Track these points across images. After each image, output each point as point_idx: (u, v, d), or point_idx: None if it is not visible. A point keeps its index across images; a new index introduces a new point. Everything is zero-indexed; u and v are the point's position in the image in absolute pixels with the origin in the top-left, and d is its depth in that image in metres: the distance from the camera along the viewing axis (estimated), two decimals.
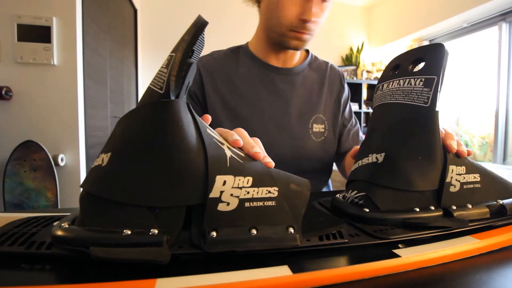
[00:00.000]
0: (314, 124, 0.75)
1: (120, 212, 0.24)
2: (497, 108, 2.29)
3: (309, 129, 0.74)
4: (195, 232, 0.25)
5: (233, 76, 0.73)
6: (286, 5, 0.64)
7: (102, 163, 0.25)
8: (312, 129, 0.75)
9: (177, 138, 0.24)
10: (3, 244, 0.25)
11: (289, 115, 0.73)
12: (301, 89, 0.76)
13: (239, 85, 0.73)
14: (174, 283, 0.21)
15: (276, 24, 0.67)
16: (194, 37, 0.25)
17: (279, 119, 0.72)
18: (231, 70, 0.74)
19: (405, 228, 0.31)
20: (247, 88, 0.73)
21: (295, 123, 0.73)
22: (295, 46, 0.68)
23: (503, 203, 0.34)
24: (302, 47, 0.69)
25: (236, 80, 0.73)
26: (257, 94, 0.73)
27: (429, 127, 0.34)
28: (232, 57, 0.76)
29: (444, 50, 0.35)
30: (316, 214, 0.33)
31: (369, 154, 0.37)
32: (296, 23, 0.64)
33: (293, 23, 0.64)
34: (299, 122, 0.73)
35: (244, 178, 0.26)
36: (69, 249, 0.23)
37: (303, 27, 0.65)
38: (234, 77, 0.73)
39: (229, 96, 0.72)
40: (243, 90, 0.72)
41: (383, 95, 0.40)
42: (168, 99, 0.24)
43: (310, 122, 0.74)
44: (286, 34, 0.66)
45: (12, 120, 1.39)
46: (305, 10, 0.63)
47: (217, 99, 0.71)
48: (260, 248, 0.25)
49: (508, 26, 2.24)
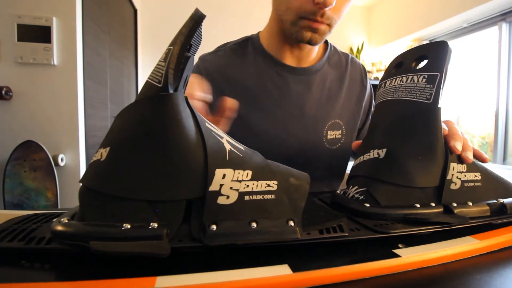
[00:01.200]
0: (329, 131, 0.66)
1: (120, 206, 0.24)
2: (497, 108, 2.28)
3: (323, 137, 0.65)
4: (195, 226, 0.25)
5: (240, 76, 0.63)
6: None
7: (101, 158, 0.25)
8: (327, 136, 0.66)
9: (176, 132, 0.24)
10: (3, 240, 0.25)
11: (302, 122, 0.64)
12: (317, 91, 0.66)
13: (247, 86, 0.63)
14: (174, 280, 0.21)
15: (285, 10, 0.55)
16: (191, 30, 0.25)
17: (290, 125, 0.64)
18: (238, 70, 0.64)
19: (406, 224, 0.31)
20: (256, 90, 0.63)
21: (308, 130, 0.64)
22: (309, 40, 0.56)
23: (504, 201, 0.34)
24: (318, 41, 0.57)
25: (243, 81, 0.63)
26: (266, 97, 0.63)
27: (431, 124, 0.34)
28: (240, 53, 0.66)
29: (448, 47, 0.35)
30: (316, 208, 0.33)
31: (371, 150, 0.36)
32: (307, 7, 0.51)
33: (304, 8, 0.51)
34: (312, 129, 0.65)
35: (244, 171, 0.26)
36: (69, 243, 0.23)
37: (317, 13, 0.51)
38: (241, 77, 0.63)
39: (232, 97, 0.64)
40: (251, 92, 0.63)
41: (385, 92, 0.40)
42: (166, 92, 0.24)
43: (324, 129, 0.66)
44: (297, 23, 0.54)
45: (12, 120, 1.39)
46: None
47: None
48: (260, 241, 0.25)
49: (508, 26, 2.24)
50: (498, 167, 2.09)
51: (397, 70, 0.40)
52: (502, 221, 0.33)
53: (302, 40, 0.56)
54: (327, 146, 0.66)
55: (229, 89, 0.62)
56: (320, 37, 0.56)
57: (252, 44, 0.66)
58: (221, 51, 0.67)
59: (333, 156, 0.67)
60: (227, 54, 0.66)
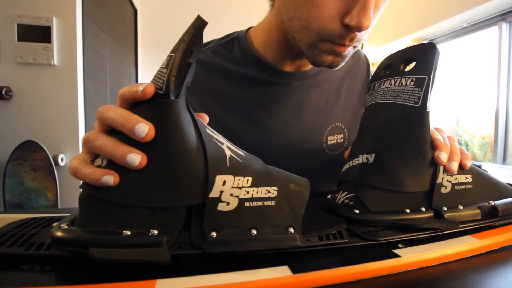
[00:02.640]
0: (329, 137, 0.60)
1: (120, 213, 0.24)
2: (497, 108, 2.28)
3: (323, 143, 0.60)
4: (195, 233, 0.25)
5: (227, 89, 0.55)
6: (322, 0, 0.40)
7: (101, 164, 0.25)
8: (327, 142, 0.60)
9: (177, 138, 0.24)
10: (2, 245, 0.25)
11: (300, 130, 0.58)
12: (317, 95, 0.59)
13: (235, 98, 0.55)
14: (174, 284, 0.21)
15: (300, 28, 0.44)
16: (193, 37, 0.25)
17: (287, 135, 0.58)
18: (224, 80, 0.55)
19: (396, 230, 0.30)
20: (248, 102, 0.56)
21: (306, 138, 0.59)
22: (331, 64, 0.46)
23: (495, 204, 0.34)
24: (340, 64, 0.47)
25: (231, 93, 0.55)
26: (259, 109, 0.56)
27: (420, 127, 0.33)
28: (226, 56, 0.57)
29: (436, 49, 0.34)
30: (316, 214, 0.33)
31: (360, 155, 0.36)
32: (334, 28, 0.41)
33: (328, 29, 0.41)
34: (310, 138, 0.59)
35: (244, 178, 0.26)
36: (69, 250, 0.23)
37: (346, 37, 0.42)
38: (228, 90, 0.55)
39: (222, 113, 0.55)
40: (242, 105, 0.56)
41: (374, 95, 0.39)
42: (167, 99, 0.24)
43: (324, 134, 0.60)
44: (317, 46, 0.44)
45: (12, 120, 1.39)
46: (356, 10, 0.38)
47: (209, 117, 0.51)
48: (260, 248, 0.25)
49: (508, 26, 2.24)
50: (498, 167, 2.09)
51: (386, 73, 0.39)
52: (496, 224, 0.33)
53: (321, 64, 0.46)
54: (328, 152, 0.61)
55: (215, 101, 0.55)
56: (343, 60, 0.47)
57: (239, 48, 0.57)
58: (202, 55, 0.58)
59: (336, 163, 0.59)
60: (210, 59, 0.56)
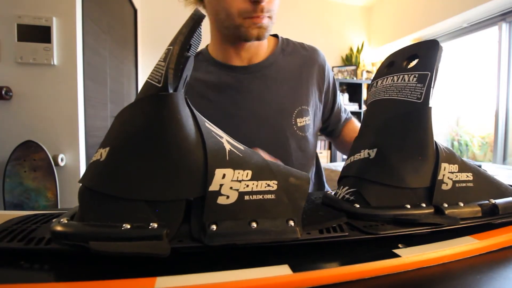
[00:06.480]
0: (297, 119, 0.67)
1: (119, 206, 0.24)
2: (497, 108, 2.28)
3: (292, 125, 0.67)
4: (195, 226, 0.25)
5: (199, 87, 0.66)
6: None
7: (101, 158, 0.25)
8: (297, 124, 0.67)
9: (176, 131, 0.24)
10: (2, 241, 0.25)
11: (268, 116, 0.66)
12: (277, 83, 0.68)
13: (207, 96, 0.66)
14: (174, 281, 0.21)
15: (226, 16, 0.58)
16: (191, 30, 0.25)
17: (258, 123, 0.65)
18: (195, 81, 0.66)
19: (396, 225, 0.30)
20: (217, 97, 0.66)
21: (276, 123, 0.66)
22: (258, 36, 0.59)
23: (496, 202, 0.34)
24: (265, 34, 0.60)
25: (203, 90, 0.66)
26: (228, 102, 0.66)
27: (422, 123, 0.33)
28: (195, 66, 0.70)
29: (438, 46, 0.34)
30: (316, 208, 0.33)
31: (361, 150, 0.36)
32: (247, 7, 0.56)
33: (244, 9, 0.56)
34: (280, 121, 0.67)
35: (244, 171, 0.26)
36: (68, 244, 0.23)
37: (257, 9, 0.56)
38: (200, 87, 0.66)
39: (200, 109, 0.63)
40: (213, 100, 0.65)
41: (377, 92, 0.39)
42: (166, 92, 0.24)
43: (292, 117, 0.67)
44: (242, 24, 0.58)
45: (12, 120, 1.39)
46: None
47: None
48: (260, 241, 0.25)
49: (508, 26, 2.24)
50: (498, 167, 2.09)
51: (389, 70, 0.39)
52: (496, 222, 0.33)
53: (251, 38, 0.59)
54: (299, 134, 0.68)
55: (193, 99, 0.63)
56: (265, 30, 0.59)
57: (202, 57, 0.70)
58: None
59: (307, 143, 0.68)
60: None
